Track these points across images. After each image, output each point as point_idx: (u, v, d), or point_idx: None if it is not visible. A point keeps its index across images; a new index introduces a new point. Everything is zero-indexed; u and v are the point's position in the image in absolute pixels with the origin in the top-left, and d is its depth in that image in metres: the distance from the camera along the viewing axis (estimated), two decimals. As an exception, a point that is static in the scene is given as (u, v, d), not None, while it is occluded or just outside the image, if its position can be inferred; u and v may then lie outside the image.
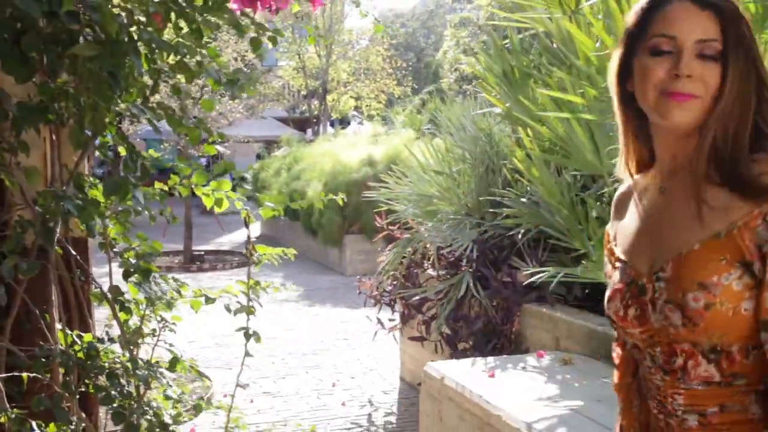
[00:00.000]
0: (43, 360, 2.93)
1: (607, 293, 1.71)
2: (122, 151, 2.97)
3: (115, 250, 3.26)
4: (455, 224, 5.86)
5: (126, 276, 3.21)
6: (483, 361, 4.35)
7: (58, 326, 3.10)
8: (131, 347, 3.20)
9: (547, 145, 5.06)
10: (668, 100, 1.54)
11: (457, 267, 5.73)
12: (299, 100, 31.10)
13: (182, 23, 2.74)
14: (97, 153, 3.32)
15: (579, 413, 3.42)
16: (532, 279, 4.56)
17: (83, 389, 3.08)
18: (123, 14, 2.28)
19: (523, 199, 5.18)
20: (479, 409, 3.65)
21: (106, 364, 3.13)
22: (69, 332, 3.06)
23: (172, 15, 2.58)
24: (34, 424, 2.77)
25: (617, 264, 1.72)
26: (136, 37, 2.27)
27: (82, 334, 3.13)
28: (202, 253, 16.20)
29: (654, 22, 1.58)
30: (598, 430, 3.22)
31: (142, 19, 2.32)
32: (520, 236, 5.26)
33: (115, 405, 3.01)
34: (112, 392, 3.03)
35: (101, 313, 3.76)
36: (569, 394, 3.70)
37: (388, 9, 46.57)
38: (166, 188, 3.47)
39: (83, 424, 3.05)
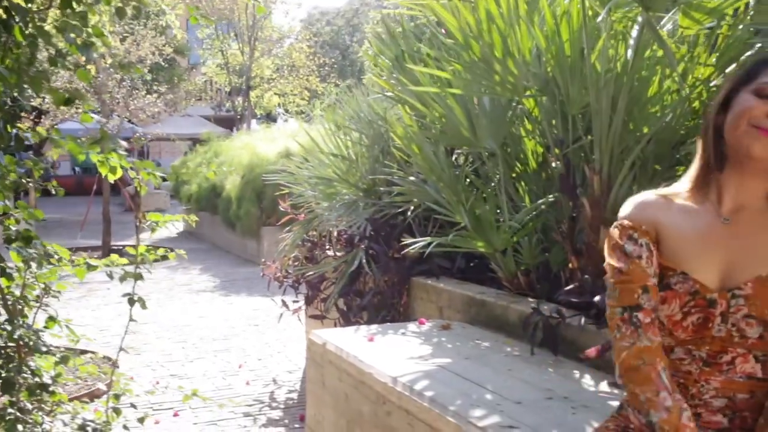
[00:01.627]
0: None
1: (659, 296, 1.94)
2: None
3: (-6, 217, 3.38)
4: (351, 204, 6.05)
5: (8, 242, 3.33)
6: (366, 328, 4.54)
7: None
8: (11, 312, 3.31)
9: (439, 127, 5.28)
10: (756, 133, 1.82)
11: (354, 245, 5.92)
12: (223, 97, 31.02)
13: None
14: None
15: (445, 368, 3.63)
16: (408, 250, 4.78)
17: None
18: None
19: (412, 178, 5.39)
20: (354, 368, 3.84)
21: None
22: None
23: None
24: None
25: (675, 275, 1.94)
26: None
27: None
28: (121, 247, 16.13)
29: (762, 73, 1.87)
30: (460, 382, 3.43)
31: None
32: (410, 213, 5.49)
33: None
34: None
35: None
36: (440, 354, 3.91)
37: (313, 7, 46.59)
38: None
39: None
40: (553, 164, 4.46)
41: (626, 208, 2.05)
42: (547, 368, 3.59)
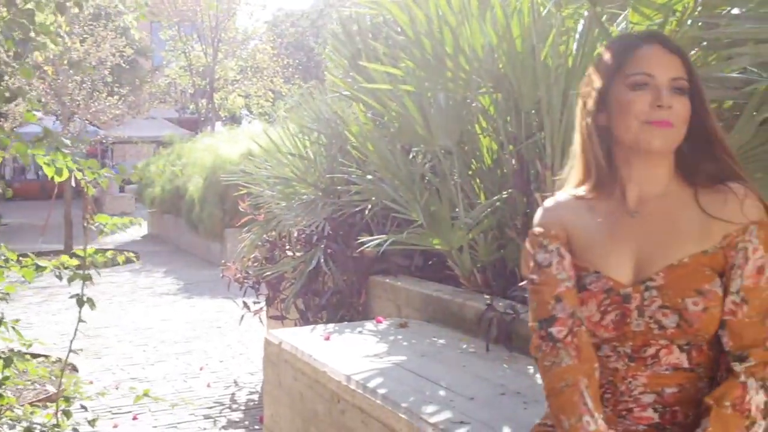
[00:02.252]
0: None
1: (578, 298, 1.91)
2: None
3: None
4: (309, 204, 6.03)
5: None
6: (323, 327, 4.53)
7: None
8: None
9: (396, 125, 5.27)
10: (652, 128, 1.80)
11: (312, 245, 5.90)
12: (187, 99, 30.83)
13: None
14: None
15: (400, 366, 3.62)
16: (365, 248, 4.78)
17: None
18: None
19: (369, 176, 5.37)
20: (309, 367, 3.82)
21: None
22: None
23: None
24: None
25: (588, 275, 1.92)
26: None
27: None
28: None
29: (629, 63, 1.84)
30: (414, 379, 3.42)
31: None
32: (368, 212, 5.47)
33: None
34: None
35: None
36: (396, 351, 3.90)
37: (278, 9, 46.45)
38: None
39: None
40: (513, 161, 4.47)
41: (538, 213, 2.05)
42: (501, 364, 3.60)
